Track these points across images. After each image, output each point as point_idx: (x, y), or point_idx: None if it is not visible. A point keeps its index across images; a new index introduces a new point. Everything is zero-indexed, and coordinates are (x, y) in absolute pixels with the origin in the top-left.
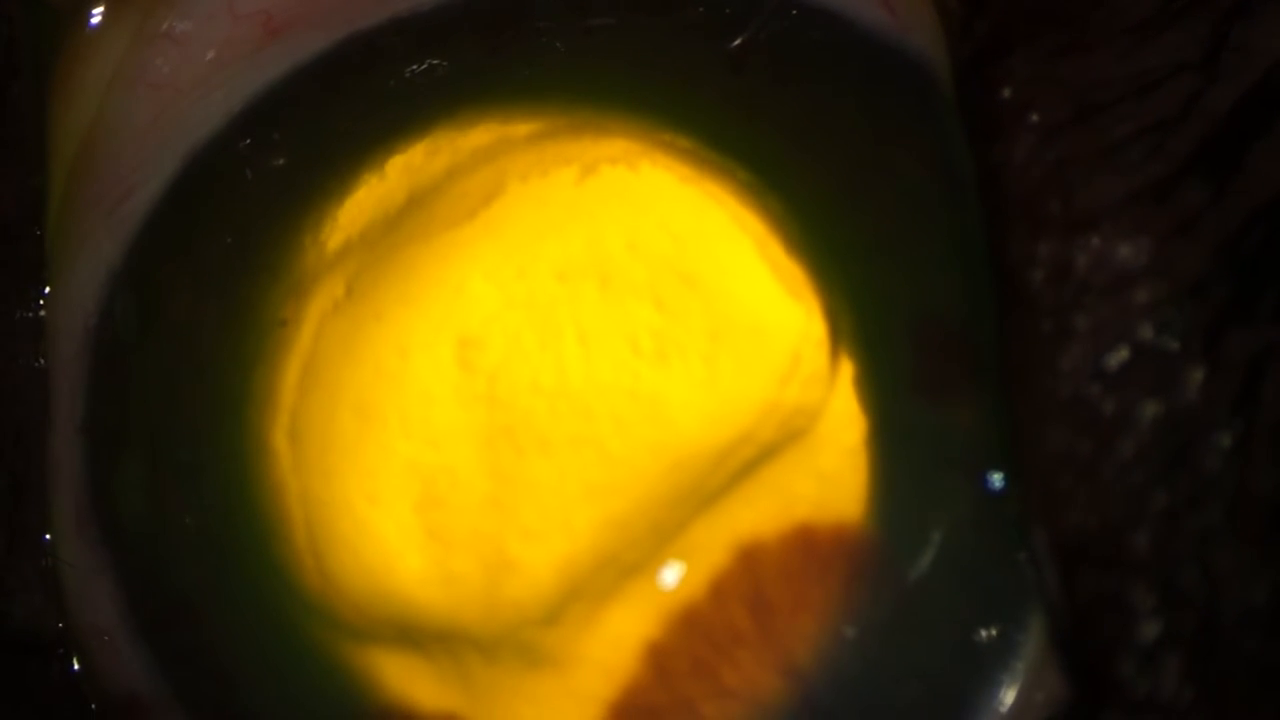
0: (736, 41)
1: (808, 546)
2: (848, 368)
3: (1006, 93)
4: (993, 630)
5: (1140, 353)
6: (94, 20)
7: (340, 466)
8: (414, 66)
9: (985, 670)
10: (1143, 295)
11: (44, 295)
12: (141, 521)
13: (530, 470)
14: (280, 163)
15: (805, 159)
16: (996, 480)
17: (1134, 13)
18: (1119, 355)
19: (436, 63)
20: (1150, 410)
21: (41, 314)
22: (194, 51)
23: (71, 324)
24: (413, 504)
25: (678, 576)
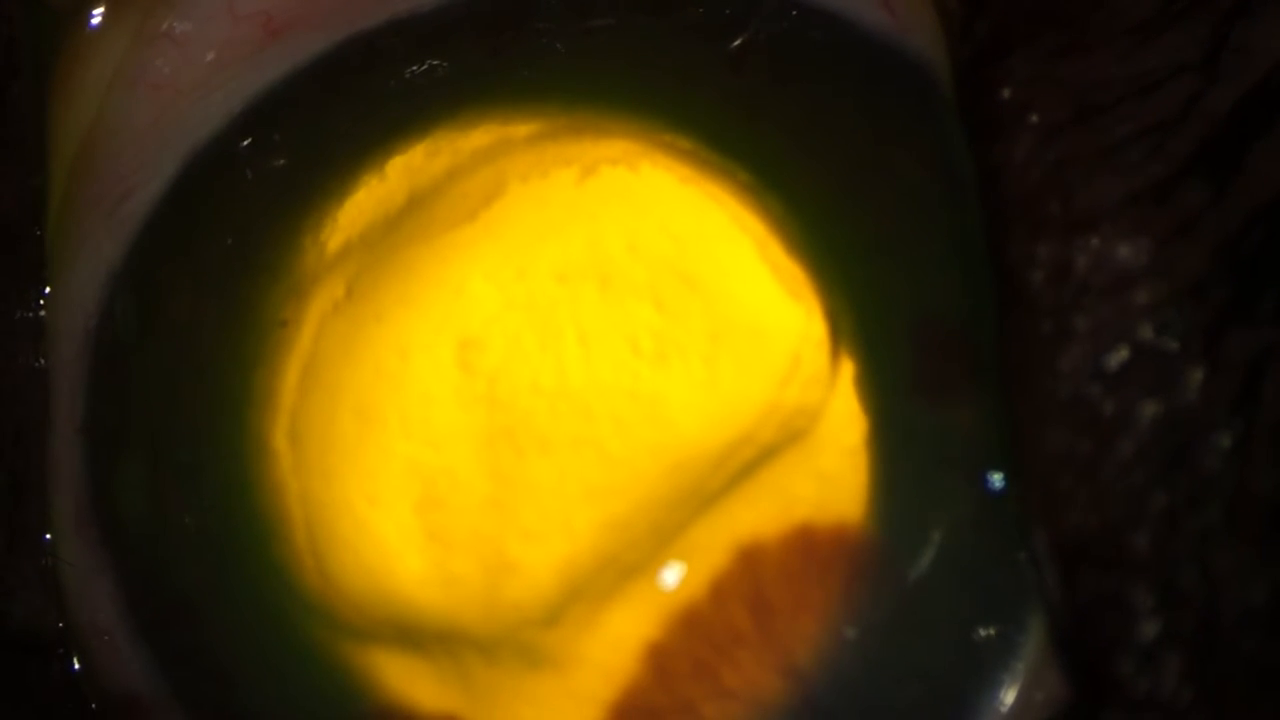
0: (736, 42)
1: (808, 547)
2: (848, 368)
3: (1006, 93)
4: (993, 630)
5: (1140, 353)
6: (94, 21)
7: (340, 467)
8: (414, 67)
9: (985, 670)
10: (1142, 296)
11: (44, 295)
12: (141, 521)
13: (530, 471)
14: (280, 163)
15: (805, 159)
16: (996, 480)
17: (1134, 13)
18: (1119, 356)
19: (437, 63)
20: (1150, 410)
21: (41, 314)
22: (194, 52)
23: (71, 324)
24: (413, 505)
25: (678, 577)
